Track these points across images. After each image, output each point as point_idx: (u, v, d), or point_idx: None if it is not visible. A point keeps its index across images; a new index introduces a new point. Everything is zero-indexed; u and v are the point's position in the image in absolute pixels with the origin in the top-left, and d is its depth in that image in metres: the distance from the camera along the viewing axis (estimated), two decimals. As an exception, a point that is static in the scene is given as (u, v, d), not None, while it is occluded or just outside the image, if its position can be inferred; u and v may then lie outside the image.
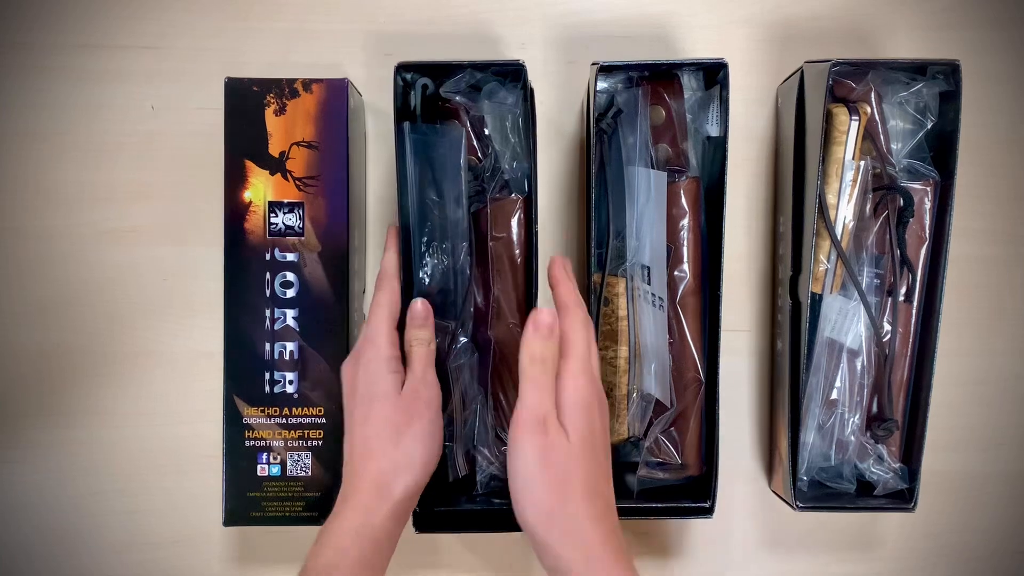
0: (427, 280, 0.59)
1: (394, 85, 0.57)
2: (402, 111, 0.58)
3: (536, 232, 0.58)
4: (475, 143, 0.60)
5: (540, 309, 0.51)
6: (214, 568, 0.69)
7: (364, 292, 0.66)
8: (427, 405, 0.53)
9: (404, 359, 0.55)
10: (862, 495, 0.62)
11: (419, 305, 0.55)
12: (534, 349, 0.50)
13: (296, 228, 0.60)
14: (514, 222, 0.60)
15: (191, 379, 0.68)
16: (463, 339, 0.60)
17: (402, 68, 0.57)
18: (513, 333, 0.60)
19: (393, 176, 0.60)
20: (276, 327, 0.60)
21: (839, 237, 0.59)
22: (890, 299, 0.61)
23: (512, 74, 0.59)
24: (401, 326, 0.56)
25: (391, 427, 0.51)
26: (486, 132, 0.60)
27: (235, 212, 0.60)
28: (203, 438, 0.67)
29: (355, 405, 0.53)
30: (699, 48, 0.68)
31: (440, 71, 0.59)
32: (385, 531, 0.50)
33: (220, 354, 0.60)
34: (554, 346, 0.50)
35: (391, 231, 0.58)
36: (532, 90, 0.59)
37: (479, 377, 0.60)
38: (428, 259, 0.59)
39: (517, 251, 0.60)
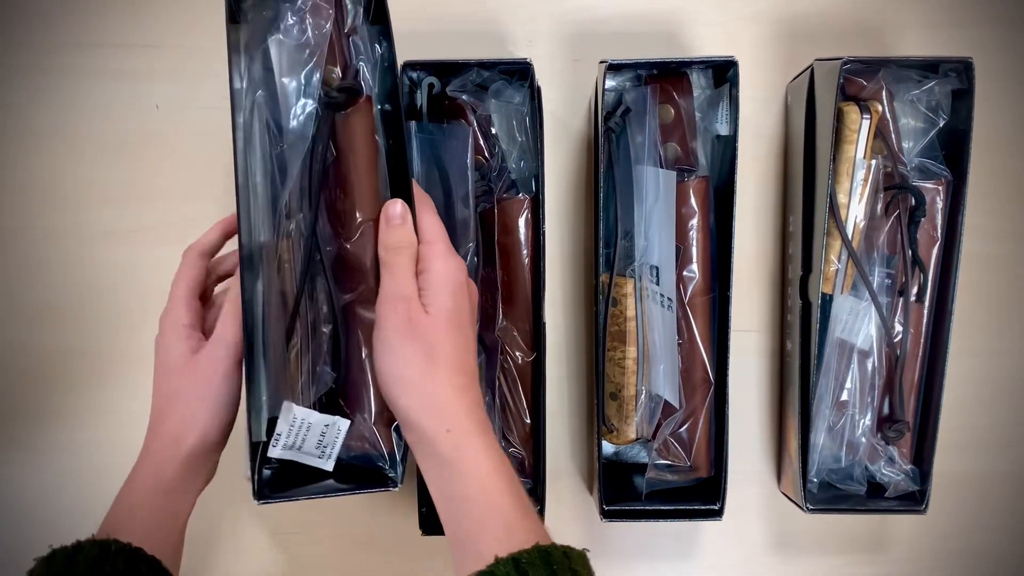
0: None
1: (401, 84, 0.56)
2: (408, 110, 0.57)
3: (543, 232, 0.58)
4: (482, 142, 0.59)
5: (390, 201, 0.50)
6: (220, 567, 0.68)
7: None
8: (215, 367, 0.51)
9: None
10: (873, 497, 0.62)
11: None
12: (389, 239, 0.50)
13: None
14: (521, 222, 0.59)
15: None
16: None
17: (409, 67, 0.57)
18: (520, 333, 0.60)
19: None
20: None
21: (850, 237, 0.58)
22: (901, 299, 0.61)
23: (519, 73, 0.59)
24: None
25: (179, 393, 0.51)
26: (493, 131, 0.60)
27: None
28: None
29: (157, 375, 0.53)
30: (707, 46, 0.67)
31: (447, 70, 0.58)
32: (178, 480, 0.50)
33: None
34: (409, 233, 0.50)
35: (226, 219, 0.57)
36: (539, 89, 0.58)
37: (486, 378, 0.60)
38: None
39: (524, 251, 0.59)
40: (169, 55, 0.67)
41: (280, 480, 0.54)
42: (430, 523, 0.59)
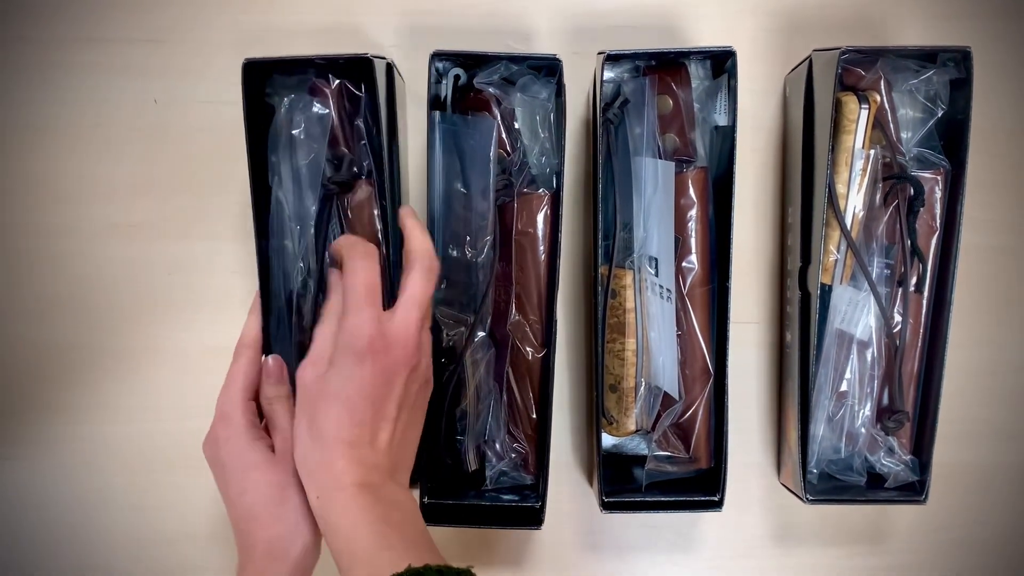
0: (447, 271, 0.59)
1: (428, 74, 0.56)
2: (432, 100, 0.57)
3: (561, 230, 0.58)
4: (504, 136, 0.59)
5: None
6: (222, 563, 0.69)
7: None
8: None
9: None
10: (872, 487, 0.62)
11: (271, 362, 0.55)
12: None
13: None
14: (540, 218, 0.59)
15: (198, 374, 0.68)
16: (481, 333, 0.59)
17: (436, 57, 0.56)
18: (532, 329, 0.60)
19: (420, 165, 0.59)
20: None
21: (849, 227, 0.58)
22: (900, 289, 0.61)
23: (547, 68, 0.59)
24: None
25: (273, 490, 0.50)
26: (516, 126, 0.60)
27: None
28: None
29: (228, 482, 0.51)
30: (705, 38, 0.67)
31: (474, 61, 0.58)
32: None
33: (226, 348, 0.60)
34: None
35: (256, 296, 0.57)
36: (565, 86, 0.58)
37: (495, 372, 0.60)
38: (450, 251, 0.59)
39: (541, 247, 0.59)
40: (167, 50, 0.67)
41: None
42: (431, 514, 0.59)
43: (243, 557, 0.50)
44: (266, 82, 0.59)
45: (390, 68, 0.59)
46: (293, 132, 0.56)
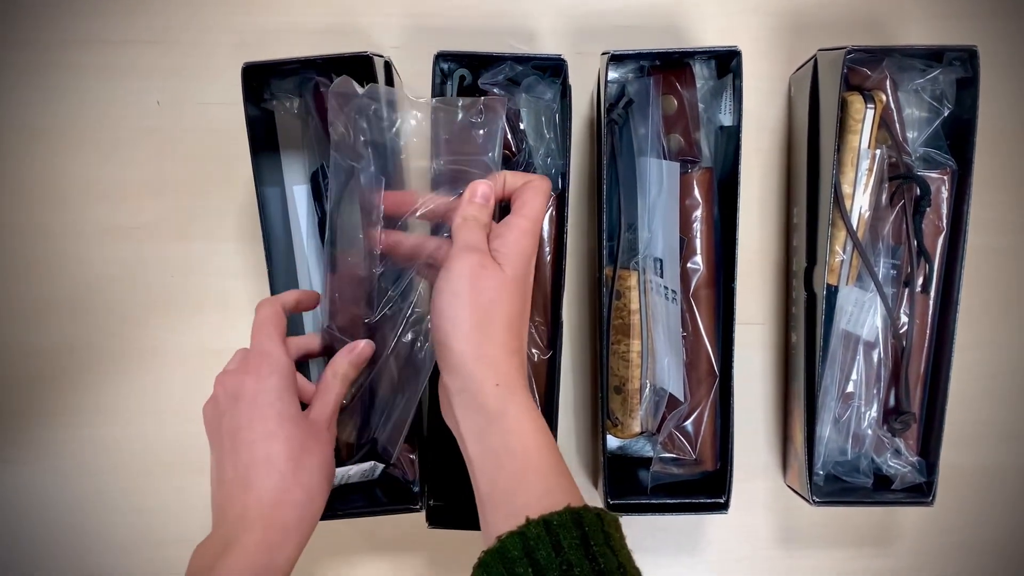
0: None
1: (432, 75, 0.56)
2: None
3: (567, 231, 0.57)
4: (510, 137, 0.59)
5: (478, 181, 0.51)
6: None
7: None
8: (328, 442, 0.49)
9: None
10: (879, 489, 0.61)
11: (367, 348, 0.52)
12: (466, 211, 0.50)
13: None
14: (545, 219, 0.59)
15: (199, 376, 0.67)
16: None
17: (441, 57, 0.56)
18: (538, 331, 0.59)
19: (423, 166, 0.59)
20: None
21: (855, 227, 0.58)
22: (907, 290, 0.60)
23: (552, 69, 0.59)
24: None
25: (295, 448, 0.46)
26: (521, 126, 0.60)
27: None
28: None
29: (248, 425, 0.46)
30: (709, 38, 0.67)
31: (479, 62, 0.58)
32: (289, 569, 0.46)
33: (227, 350, 0.60)
34: (487, 212, 0.50)
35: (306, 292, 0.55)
36: (570, 87, 0.58)
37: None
38: None
39: (547, 248, 0.59)
40: (170, 51, 0.67)
41: None
42: (436, 516, 0.58)
43: (241, 521, 0.45)
44: (266, 85, 0.58)
45: (388, 66, 0.58)
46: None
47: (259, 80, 0.58)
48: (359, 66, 0.56)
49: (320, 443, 0.48)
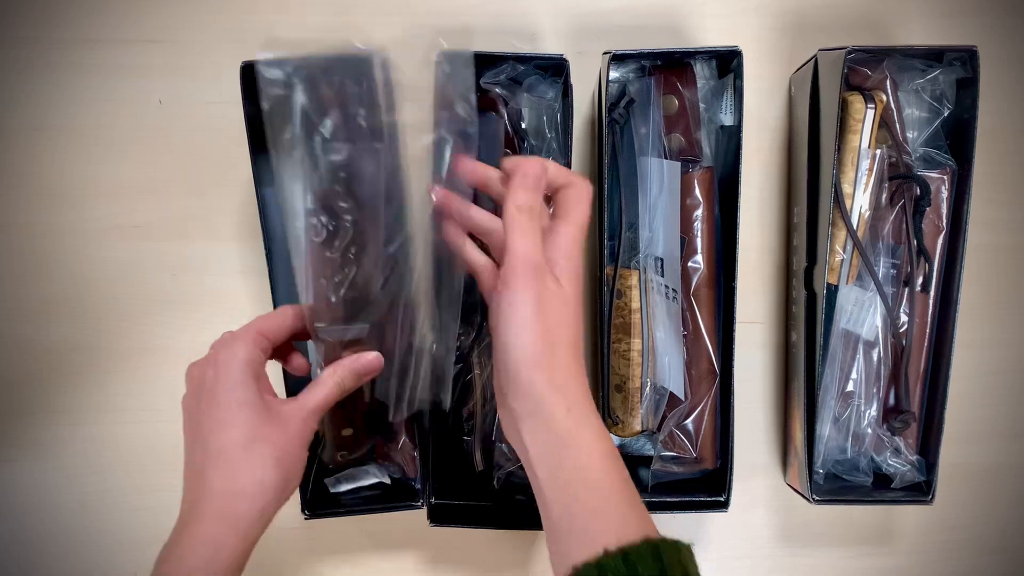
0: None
1: (435, 74, 0.56)
2: None
3: None
4: (511, 136, 0.59)
5: (532, 159, 0.48)
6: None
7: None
8: (296, 435, 0.47)
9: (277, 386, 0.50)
10: (879, 488, 0.62)
11: (375, 360, 0.51)
12: (520, 199, 0.46)
13: None
14: None
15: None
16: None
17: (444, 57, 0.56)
18: None
19: None
20: None
21: (855, 227, 0.58)
22: (907, 289, 0.60)
23: (553, 68, 0.59)
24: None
25: (247, 435, 0.45)
26: (523, 126, 0.60)
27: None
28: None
29: (210, 412, 0.46)
30: (710, 38, 0.67)
31: (480, 62, 0.58)
32: (236, 563, 0.45)
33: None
34: (540, 198, 0.47)
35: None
36: (572, 86, 0.58)
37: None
38: None
39: None
40: (171, 50, 0.67)
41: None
42: (438, 514, 0.59)
43: (192, 511, 0.45)
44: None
45: (387, 65, 0.58)
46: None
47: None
48: (358, 64, 0.56)
49: (283, 433, 0.46)
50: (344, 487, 0.61)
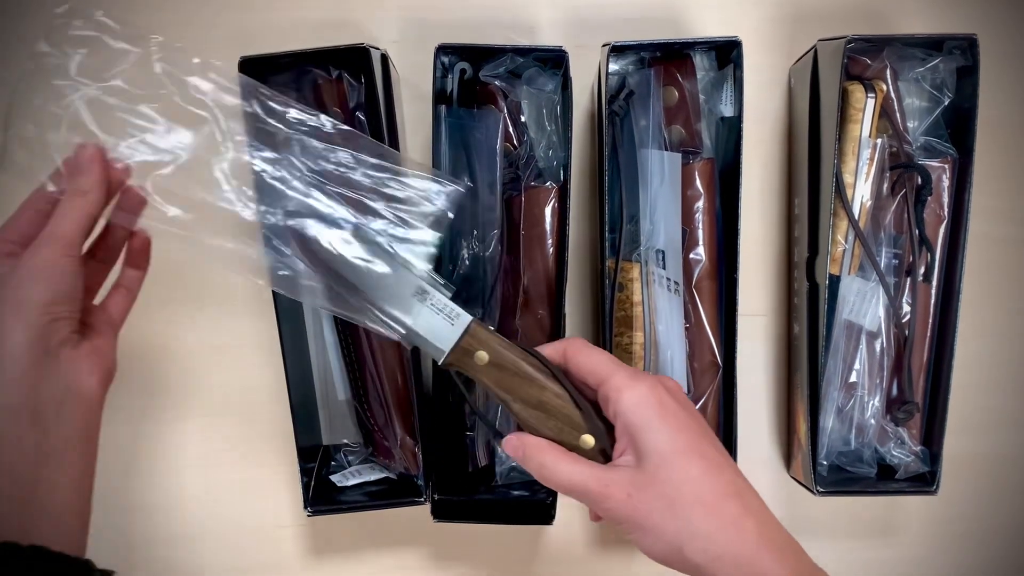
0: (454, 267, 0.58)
1: (433, 68, 0.56)
2: (438, 95, 0.57)
3: (569, 223, 0.57)
4: (511, 129, 0.59)
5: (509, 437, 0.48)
6: (222, 564, 0.68)
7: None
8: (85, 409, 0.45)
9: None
10: (883, 479, 0.61)
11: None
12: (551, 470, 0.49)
13: None
14: (548, 211, 0.58)
15: (200, 373, 0.67)
16: (489, 327, 0.59)
17: (442, 50, 0.56)
18: (541, 323, 0.59)
19: (425, 160, 0.59)
20: None
21: (856, 217, 0.58)
22: (909, 279, 0.60)
23: (553, 60, 0.58)
24: None
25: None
26: (522, 119, 0.59)
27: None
28: (214, 432, 0.67)
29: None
30: (709, 29, 0.67)
31: (480, 55, 0.58)
32: None
33: (229, 346, 0.60)
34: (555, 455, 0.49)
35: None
36: (571, 78, 0.57)
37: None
38: (460, 246, 0.58)
39: (549, 241, 0.59)
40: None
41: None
42: (441, 509, 0.58)
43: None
44: (263, 79, 0.58)
45: (385, 59, 0.58)
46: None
47: (256, 74, 0.58)
48: (356, 59, 0.56)
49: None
50: (351, 481, 0.61)
